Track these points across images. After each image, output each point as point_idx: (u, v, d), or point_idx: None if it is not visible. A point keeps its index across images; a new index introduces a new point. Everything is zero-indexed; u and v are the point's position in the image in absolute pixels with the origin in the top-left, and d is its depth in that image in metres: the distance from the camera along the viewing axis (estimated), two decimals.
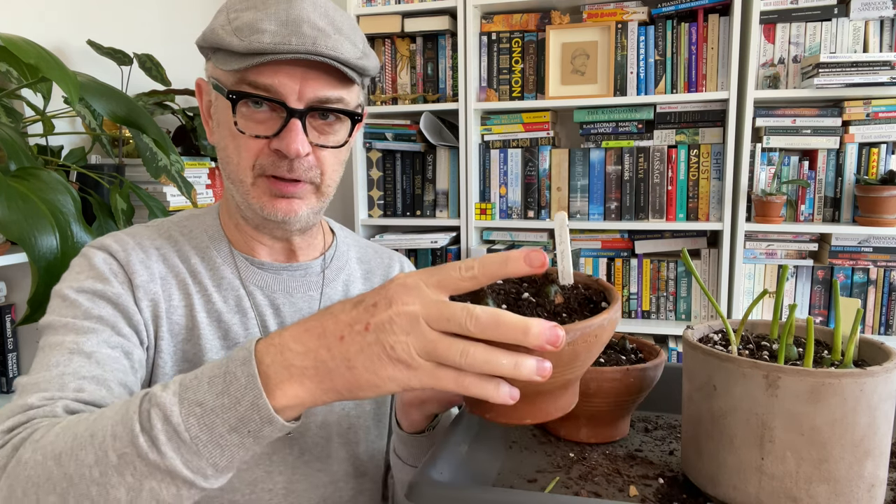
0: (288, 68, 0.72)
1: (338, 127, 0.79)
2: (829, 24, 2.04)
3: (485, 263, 0.47)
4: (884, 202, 1.95)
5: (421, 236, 2.36)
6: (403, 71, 2.41)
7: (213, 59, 0.76)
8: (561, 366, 0.48)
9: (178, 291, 0.80)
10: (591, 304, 0.55)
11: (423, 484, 0.55)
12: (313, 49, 0.71)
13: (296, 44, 0.70)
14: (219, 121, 0.79)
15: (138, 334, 0.75)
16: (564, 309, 0.53)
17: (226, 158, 0.78)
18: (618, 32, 2.16)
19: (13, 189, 1.17)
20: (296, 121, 0.73)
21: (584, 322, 0.48)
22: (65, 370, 0.65)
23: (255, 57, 0.70)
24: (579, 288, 0.58)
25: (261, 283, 0.84)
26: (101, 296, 0.73)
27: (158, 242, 0.82)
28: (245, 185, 0.77)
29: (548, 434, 0.77)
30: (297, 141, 0.73)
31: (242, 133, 0.74)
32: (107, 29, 1.96)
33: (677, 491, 0.62)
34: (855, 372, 0.51)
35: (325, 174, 0.79)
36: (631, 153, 2.21)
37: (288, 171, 0.75)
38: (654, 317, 2.26)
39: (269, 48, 0.69)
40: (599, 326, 0.49)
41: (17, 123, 1.48)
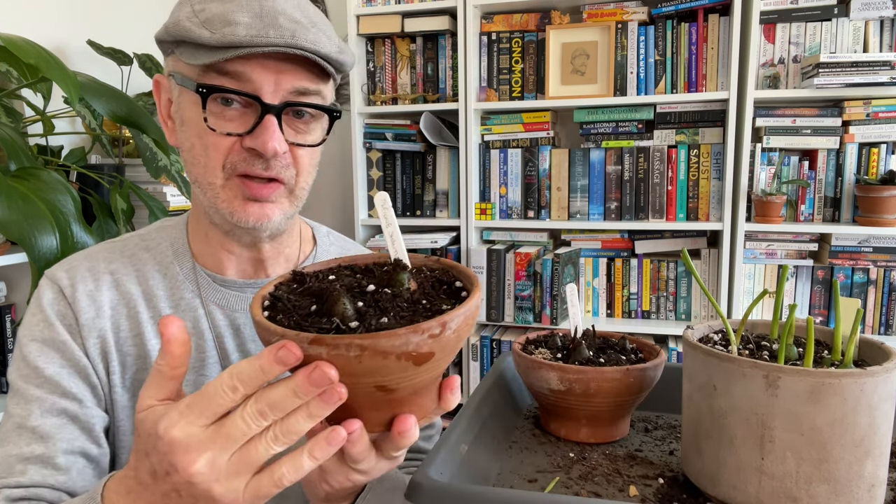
0: (262, 61, 0.67)
1: (314, 125, 0.74)
2: (829, 24, 2.04)
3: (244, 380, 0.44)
4: (884, 202, 1.95)
5: (421, 236, 2.36)
6: (403, 71, 2.41)
7: (177, 52, 0.69)
8: (447, 355, 0.47)
9: (127, 321, 0.77)
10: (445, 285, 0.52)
11: (423, 484, 0.55)
12: (293, 42, 0.65)
13: (274, 36, 0.65)
14: (182, 119, 0.72)
15: (88, 379, 0.74)
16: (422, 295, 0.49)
17: (192, 160, 0.72)
18: (618, 32, 2.16)
19: (13, 189, 1.17)
20: (271, 117, 0.68)
21: (463, 306, 0.46)
22: (11, 451, 0.69)
23: (229, 50, 0.64)
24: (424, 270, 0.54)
25: (221, 301, 0.79)
26: (49, 344, 0.73)
27: (116, 266, 0.79)
28: (214, 188, 0.71)
29: (548, 434, 0.77)
30: (273, 138, 0.67)
31: (213, 131, 0.68)
32: (107, 29, 1.96)
33: (677, 491, 0.62)
34: (855, 372, 0.51)
35: (300, 175, 0.73)
36: (631, 153, 2.21)
37: (263, 169, 0.69)
38: (654, 317, 2.26)
39: (245, 41, 0.64)
40: (476, 307, 0.47)
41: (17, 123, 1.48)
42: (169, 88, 0.75)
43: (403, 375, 0.45)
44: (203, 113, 0.68)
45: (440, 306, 0.48)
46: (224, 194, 0.71)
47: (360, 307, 0.47)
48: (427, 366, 0.46)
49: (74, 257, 0.80)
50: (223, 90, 0.67)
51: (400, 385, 0.46)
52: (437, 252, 2.36)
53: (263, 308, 0.49)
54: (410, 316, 0.46)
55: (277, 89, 0.69)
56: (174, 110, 0.74)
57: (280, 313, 0.48)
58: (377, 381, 0.45)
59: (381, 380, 0.45)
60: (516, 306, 2.28)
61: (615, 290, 2.30)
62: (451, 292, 0.51)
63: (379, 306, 0.47)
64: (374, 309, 0.47)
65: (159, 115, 0.77)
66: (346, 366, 0.43)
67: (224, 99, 0.68)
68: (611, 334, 0.85)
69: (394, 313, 0.46)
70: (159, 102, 0.77)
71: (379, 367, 0.44)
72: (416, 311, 0.47)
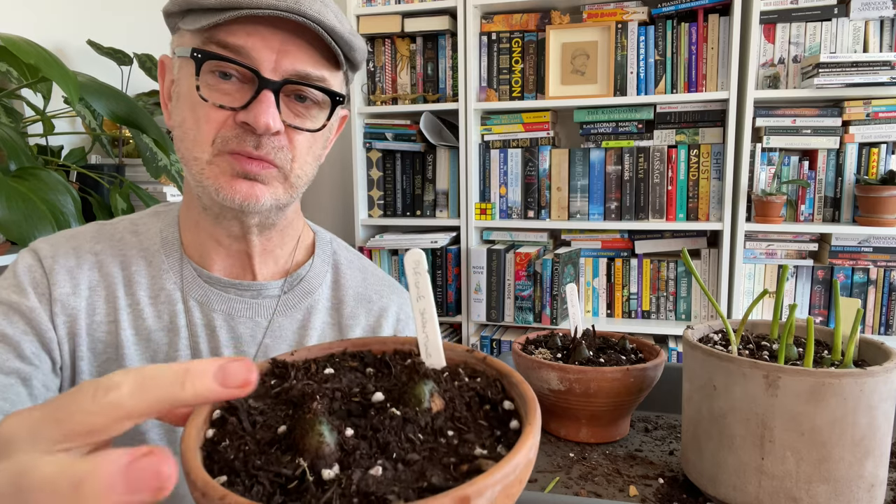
0: (265, 31, 0.63)
1: (315, 112, 0.69)
2: (829, 24, 2.04)
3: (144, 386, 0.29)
4: (884, 202, 1.95)
5: (421, 236, 2.36)
6: (403, 71, 2.41)
7: (182, 23, 0.66)
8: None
9: (105, 304, 0.73)
10: (488, 404, 0.35)
11: None
12: (296, 7, 0.61)
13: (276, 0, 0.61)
14: (179, 94, 0.68)
15: (49, 352, 0.70)
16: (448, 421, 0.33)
17: (182, 135, 0.67)
18: (618, 32, 2.16)
19: (13, 189, 1.17)
20: (268, 92, 0.63)
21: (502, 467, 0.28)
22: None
23: (230, 11, 0.61)
24: (461, 375, 0.37)
25: (202, 298, 0.75)
26: (15, 309, 0.69)
27: (100, 246, 0.75)
28: (200, 163, 0.66)
29: (548, 434, 0.77)
30: (267, 113, 0.63)
31: (205, 101, 0.64)
32: (107, 29, 1.96)
33: (677, 491, 0.62)
34: (855, 372, 0.51)
35: (295, 160, 0.68)
36: (631, 153, 2.21)
37: (254, 148, 0.65)
38: (654, 317, 2.26)
39: (246, 2, 0.61)
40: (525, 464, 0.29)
41: (17, 123, 1.48)
42: (171, 67, 0.71)
43: None
44: (196, 81, 0.64)
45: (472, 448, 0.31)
46: (210, 170, 0.66)
47: (347, 439, 0.31)
48: None
49: (61, 233, 0.76)
50: (219, 57, 0.63)
51: None
52: (436, 252, 2.36)
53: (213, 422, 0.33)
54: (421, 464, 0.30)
55: (280, 61, 0.65)
56: (174, 89, 0.71)
57: (228, 436, 0.32)
58: None
59: None
60: (516, 306, 2.28)
61: (615, 290, 2.30)
62: (495, 417, 0.34)
63: (377, 440, 0.31)
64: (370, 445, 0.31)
65: (161, 99, 0.74)
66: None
67: (223, 73, 0.65)
68: (611, 334, 0.85)
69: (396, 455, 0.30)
70: (162, 85, 0.74)
71: None
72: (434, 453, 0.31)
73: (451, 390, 0.35)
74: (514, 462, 0.28)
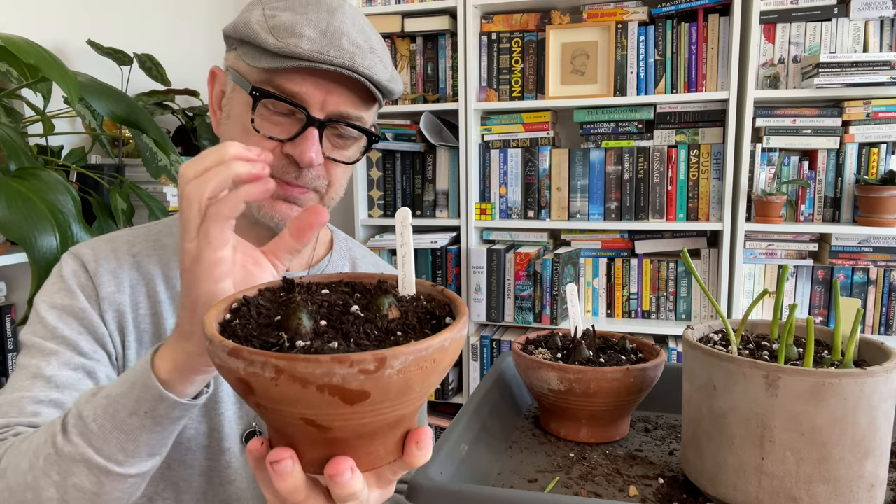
0: (318, 78, 0.71)
1: (352, 145, 0.78)
2: (829, 24, 2.04)
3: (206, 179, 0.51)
4: (884, 202, 1.95)
5: (421, 236, 2.36)
6: (403, 71, 2.41)
7: (240, 51, 0.73)
8: (390, 399, 0.39)
9: (147, 300, 0.79)
10: (434, 320, 0.45)
11: (423, 484, 0.56)
12: (350, 65, 0.69)
13: (334, 56, 0.69)
14: (230, 114, 0.76)
15: (104, 347, 0.76)
16: (400, 326, 0.43)
17: None
18: (618, 32, 2.16)
19: (13, 189, 1.17)
20: (313, 129, 0.71)
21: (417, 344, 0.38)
22: (24, 395, 0.69)
23: (291, 60, 0.68)
24: (421, 300, 0.47)
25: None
26: (68, 311, 0.75)
27: (137, 248, 0.81)
28: None
29: (548, 434, 0.77)
30: (311, 149, 0.71)
31: (257, 132, 0.72)
32: (107, 29, 1.96)
33: (677, 491, 0.62)
34: (855, 372, 0.51)
35: (331, 186, 0.77)
36: (631, 153, 2.21)
37: (295, 178, 0.73)
38: (654, 317, 2.26)
39: (307, 55, 0.68)
40: (439, 348, 0.39)
41: (17, 123, 1.48)
42: (224, 82, 0.78)
43: (333, 413, 0.38)
44: (252, 114, 0.72)
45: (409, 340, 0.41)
46: None
47: (320, 327, 0.41)
48: (363, 407, 0.38)
49: (99, 239, 0.83)
50: (275, 97, 0.71)
51: (333, 424, 0.39)
52: (436, 252, 2.36)
53: (230, 309, 0.45)
54: (368, 346, 0.40)
55: (327, 101, 0.72)
56: (225, 103, 0.78)
57: (239, 318, 0.43)
58: (302, 414, 0.38)
59: (306, 412, 0.38)
60: (516, 306, 2.28)
61: (615, 290, 2.30)
62: (438, 328, 0.44)
63: (341, 329, 0.41)
64: (335, 332, 0.41)
65: (210, 105, 0.81)
66: (263, 388, 0.37)
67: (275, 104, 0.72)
68: (611, 334, 0.85)
69: (354, 340, 0.40)
70: (211, 92, 0.80)
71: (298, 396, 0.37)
72: (383, 342, 0.40)
73: (408, 307, 0.45)
74: (428, 343, 0.38)
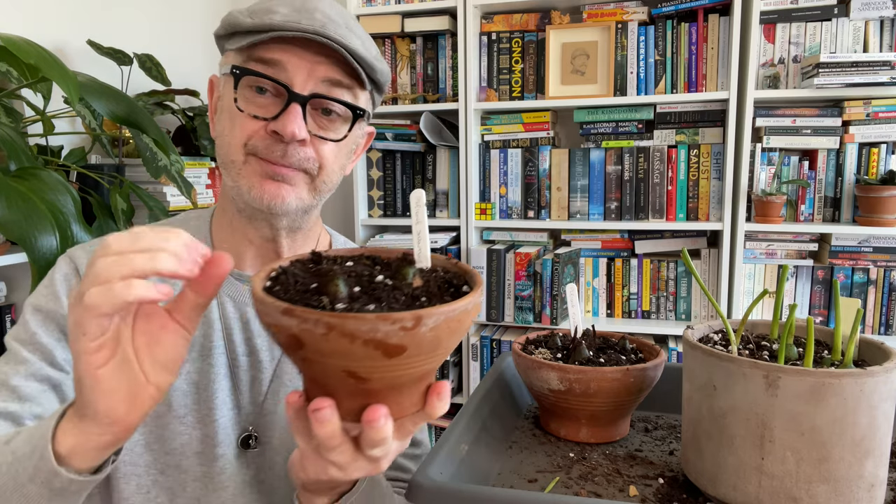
0: (298, 50, 0.72)
1: (339, 125, 0.77)
2: (829, 24, 2.04)
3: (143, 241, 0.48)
4: (884, 202, 1.95)
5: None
6: (403, 71, 2.41)
7: (227, 45, 0.75)
8: (423, 353, 0.45)
9: None
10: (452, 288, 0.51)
11: (423, 484, 0.56)
12: (322, 31, 0.70)
13: (306, 24, 0.70)
14: (221, 108, 0.77)
15: None
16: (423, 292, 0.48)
17: (221, 143, 0.76)
18: (618, 32, 2.16)
19: (13, 189, 1.17)
20: (296, 105, 0.72)
21: (447, 305, 0.44)
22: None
23: (263, 33, 0.70)
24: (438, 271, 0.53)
25: (234, 294, 0.81)
26: (51, 317, 0.74)
27: None
28: (237, 165, 0.74)
29: (548, 434, 0.77)
30: (294, 123, 0.71)
31: (241, 112, 0.73)
32: (107, 29, 1.96)
33: (677, 491, 0.62)
34: (855, 372, 0.51)
35: (323, 168, 0.76)
36: (631, 153, 2.21)
37: (281, 157, 0.73)
38: (654, 317, 2.26)
39: (278, 24, 0.70)
40: (463, 311, 0.45)
41: (17, 123, 1.48)
42: (219, 85, 0.79)
43: (374, 365, 0.44)
44: (234, 93, 0.72)
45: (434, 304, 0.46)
46: (245, 170, 0.74)
47: (354, 292, 0.46)
48: (399, 361, 0.44)
49: (97, 241, 0.82)
50: (255, 73, 0.71)
51: (372, 376, 0.45)
52: (437, 252, 2.36)
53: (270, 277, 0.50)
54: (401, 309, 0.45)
55: (309, 79, 0.72)
56: (218, 103, 0.79)
57: (280, 285, 0.48)
58: (346, 366, 0.44)
59: (350, 365, 0.44)
60: (516, 306, 2.28)
61: (615, 290, 2.30)
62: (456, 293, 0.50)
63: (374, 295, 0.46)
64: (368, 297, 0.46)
65: (209, 114, 0.82)
66: (314, 343, 0.43)
67: (259, 88, 0.73)
68: (611, 334, 0.85)
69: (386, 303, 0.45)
70: (211, 101, 0.81)
71: (345, 350, 0.43)
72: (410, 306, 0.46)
73: (429, 277, 0.51)
74: (455, 305, 0.44)
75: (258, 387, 0.81)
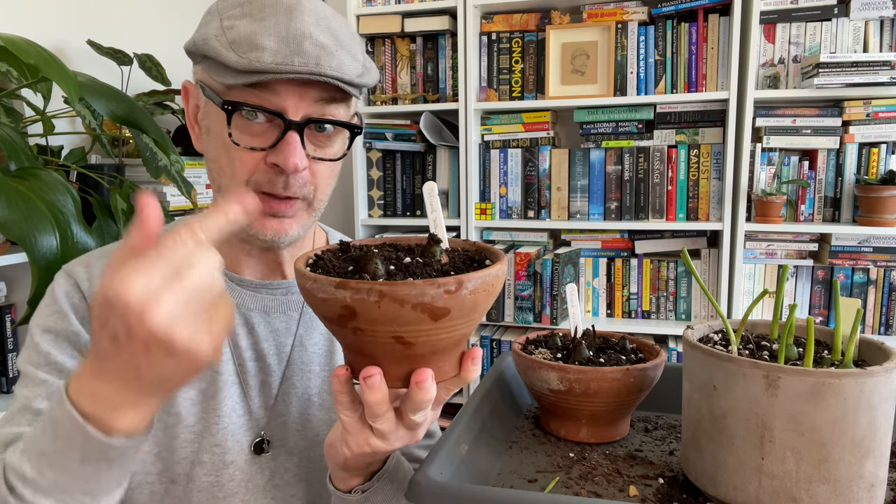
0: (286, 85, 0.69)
1: (335, 138, 0.75)
2: (829, 24, 2.04)
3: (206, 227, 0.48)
4: (884, 202, 1.95)
5: (421, 236, 2.36)
6: (403, 71, 2.41)
7: (204, 65, 0.71)
8: (463, 316, 0.50)
9: None
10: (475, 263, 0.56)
11: (423, 484, 0.56)
12: (316, 70, 0.67)
13: (298, 64, 0.66)
14: (208, 128, 0.74)
15: None
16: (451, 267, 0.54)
17: (218, 170, 0.74)
18: (618, 32, 2.16)
19: (13, 189, 1.17)
20: (293, 133, 0.69)
21: (483, 270, 0.50)
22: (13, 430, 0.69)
23: (255, 75, 0.66)
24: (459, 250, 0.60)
25: (237, 299, 0.81)
26: (62, 335, 0.74)
27: None
28: None
29: (548, 434, 0.77)
30: (295, 154, 0.69)
31: (237, 145, 0.70)
32: (107, 29, 1.96)
33: (677, 491, 0.62)
34: (855, 372, 0.51)
35: (318, 189, 0.75)
36: (631, 153, 2.21)
37: (283, 189, 0.72)
38: (654, 317, 2.26)
39: (271, 67, 0.65)
40: (496, 276, 0.51)
41: (17, 123, 1.48)
42: (196, 95, 0.76)
43: (420, 329, 0.49)
44: (228, 128, 0.70)
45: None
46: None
47: (391, 270, 0.52)
48: (443, 323, 0.49)
49: (91, 254, 0.81)
50: (248, 106, 0.69)
51: (418, 339, 0.50)
52: None
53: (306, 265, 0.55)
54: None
55: (301, 101, 0.70)
56: (201, 117, 0.76)
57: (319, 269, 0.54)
58: (395, 332, 0.49)
59: (398, 329, 0.49)
60: (516, 306, 2.28)
61: (615, 290, 2.30)
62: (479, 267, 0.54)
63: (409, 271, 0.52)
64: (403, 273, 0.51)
65: (187, 120, 0.79)
66: (366, 311, 0.48)
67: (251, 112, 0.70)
68: (611, 334, 0.85)
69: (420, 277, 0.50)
70: (187, 107, 0.78)
71: (396, 314, 0.47)
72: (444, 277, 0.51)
73: (453, 255, 0.58)
74: (489, 270, 0.51)
75: (268, 391, 0.80)
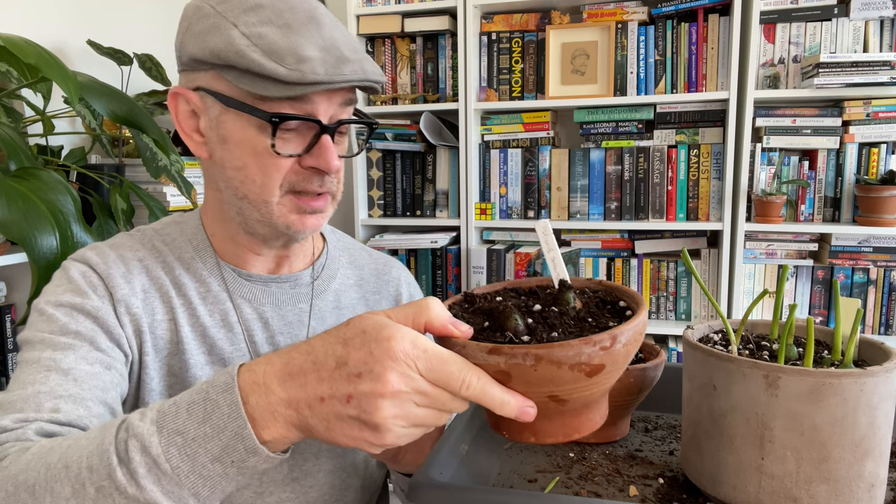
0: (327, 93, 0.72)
1: (346, 136, 0.80)
2: (829, 24, 2.04)
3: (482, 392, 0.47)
4: (884, 202, 1.95)
5: (421, 236, 2.36)
6: (403, 71, 2.41)
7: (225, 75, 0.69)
8: (617, 369, 0.50)
9: (162, 305, 0.78)
10: (608, 305, 0.55)
11: (423, 484, 0.56)
12: (363, 76, 0.71)
13: (348, 73, 0.69)
14: (227, 137, 0.73)
15: (120, 348, 0.73)
16: (588, 314, 0.52)
17: (244, 178, 0.73)
18: (618, 32, 2.16)
19: (13, 189, 1.17)
20: (328, 136, 0.73)
21: (632, 322, 0.49)
22: (41, 389, 0.63)
23: (310, 87, 0.68)
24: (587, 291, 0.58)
25: (249, 295, 0.82)
26: (79, 309, 0.71)
27: (141, 254, 0.79)
28: (269, 206, 0.74)
29: None
30: (333, 157, 0.73)
31: (278, 154, 0.71)
32: (107, 29, 1.96)
33: (677, 491, 0.62)
34: (855, 372, 0.51)
35: (339, 182, 0.79)
36: (631, 153, 2.21)
37: (319, 186, 0.75)
38: (654, 317, 2.26)
39: (325, 78, 0.68)
40: (643, 323, 0.50)
41: (17, 123, 1.48)
42: (199, 103, 0.74)
43: (575, 386, 0.48)
44: (272, 139, 0.70)
45: (606, 323, 0.51)
46: (278, 210, 0.74)
47: (529, 323, 0.50)
48: (598, 378, 0.48)
49: (98, 245, 0.80)
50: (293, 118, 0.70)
51: (572, 396, 0.49)
52: (436, 252, 2.36)
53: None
54: (578, 332, 0.49)
55: (330, 107, 0.73)
56: (210, 126, 0.74)
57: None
58: (551, 391, 0.48)
59: (554, 389, 0.48)
60: None
61: None
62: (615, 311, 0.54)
63: (547, 322, 0.51)
64: (543, 325, 0.50)
65: (178, 127, 0.77)
66: (522, 374, 0.47)
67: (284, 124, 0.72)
68: None
69: (562, 329, 0.49)
70: (176, 114, 0.76)
71: (553, 376, 0.47)
72: (583, 327, 0.50)
73: (584, 299, 0.56)
74: (637, 321, 0.49)
75: None
